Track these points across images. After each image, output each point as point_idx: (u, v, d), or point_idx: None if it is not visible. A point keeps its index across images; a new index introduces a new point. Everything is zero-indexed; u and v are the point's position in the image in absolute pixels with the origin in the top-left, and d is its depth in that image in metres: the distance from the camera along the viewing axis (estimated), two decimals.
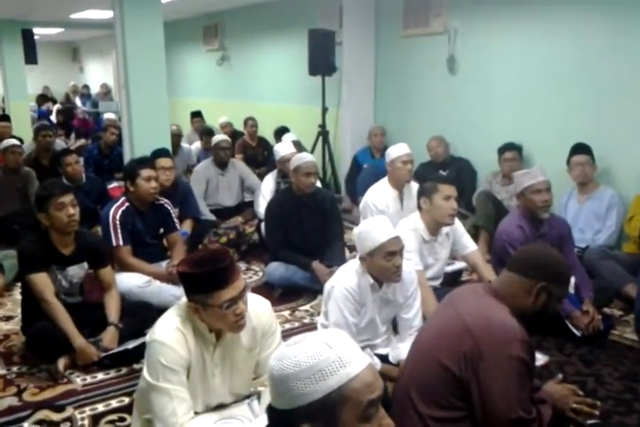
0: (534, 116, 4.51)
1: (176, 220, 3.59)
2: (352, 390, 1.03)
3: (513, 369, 1.70)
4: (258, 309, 1.95)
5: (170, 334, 1.79)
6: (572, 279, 3.04)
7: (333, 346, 1.06)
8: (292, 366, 1.04)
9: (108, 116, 7.68)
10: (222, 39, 8.66)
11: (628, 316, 3.24)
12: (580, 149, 3.93)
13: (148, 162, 3.58)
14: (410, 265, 2.72)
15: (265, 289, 3.69)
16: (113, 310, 2.88)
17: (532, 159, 4.51)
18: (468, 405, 1.75)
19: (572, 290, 3.03)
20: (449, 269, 3.43)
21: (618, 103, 3.99)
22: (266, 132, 6.82)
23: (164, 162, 3.89)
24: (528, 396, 1.77)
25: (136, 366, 2.69)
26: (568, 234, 3.23)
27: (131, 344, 2.75)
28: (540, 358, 2.70)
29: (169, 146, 4.65)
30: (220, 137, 5.03)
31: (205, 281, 1.72)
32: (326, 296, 2.40)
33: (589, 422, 1.96)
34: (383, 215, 3.76)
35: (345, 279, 2.36)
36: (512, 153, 4.42)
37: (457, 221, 3.16)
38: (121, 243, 3.25)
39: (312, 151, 5.87)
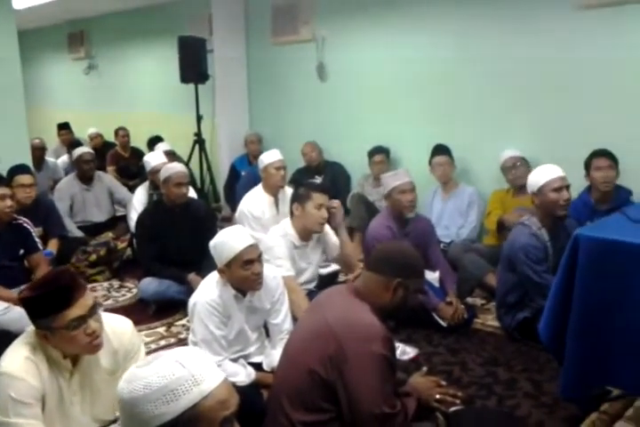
0: (399, 119, 4.72)
1: (38, 239, 3.38)
2: (205, 407, 1.01)
3: (375, 366, 1.76)
4: (118, 329, 1.86)
5: (18, 365, 1.67)
6: (437, 273, 3.22)
7: (186, 364, 1.02)
8: (141, 388, 1.00)
9: None
10: (89, 47, 8.28)
11: (489, 304, 3.47)
12: (440, 149, 4.18)
13: (3, 180, 3.35)
14: (281, 271, 2.75)
15: (139, 306, 3.57)
16: None
17: (398, 161, 4.73)
18: (335, 407, 1.79)
19: (436, 283, 3.20)
20: (324, 271, 3.48)
21: (472, 106, 4.28)
22: (141, 142, 6.60)
23: (23, 179, 3.66)
24: (392, 391, 1.84)
25: None
26: (431, 232, 3.41)
27: None
28: (410, 352, 2.82)
29: (29, 161, 4.36)
30: (81, 149, 4.76)
31: (45, 303, 1.63)
32: (190, 313, 2.36)
33: (452, 409, 2.07)
34: (259, 222, 3.82)
35: (206, 293, 2.32)
36: (380, 156, 4.61)
37: (327, 226, 3.23)
38: None
39: (189, 160, 5.77)
